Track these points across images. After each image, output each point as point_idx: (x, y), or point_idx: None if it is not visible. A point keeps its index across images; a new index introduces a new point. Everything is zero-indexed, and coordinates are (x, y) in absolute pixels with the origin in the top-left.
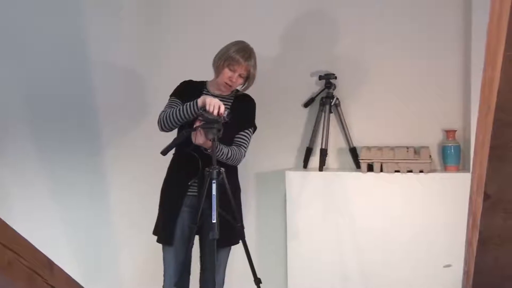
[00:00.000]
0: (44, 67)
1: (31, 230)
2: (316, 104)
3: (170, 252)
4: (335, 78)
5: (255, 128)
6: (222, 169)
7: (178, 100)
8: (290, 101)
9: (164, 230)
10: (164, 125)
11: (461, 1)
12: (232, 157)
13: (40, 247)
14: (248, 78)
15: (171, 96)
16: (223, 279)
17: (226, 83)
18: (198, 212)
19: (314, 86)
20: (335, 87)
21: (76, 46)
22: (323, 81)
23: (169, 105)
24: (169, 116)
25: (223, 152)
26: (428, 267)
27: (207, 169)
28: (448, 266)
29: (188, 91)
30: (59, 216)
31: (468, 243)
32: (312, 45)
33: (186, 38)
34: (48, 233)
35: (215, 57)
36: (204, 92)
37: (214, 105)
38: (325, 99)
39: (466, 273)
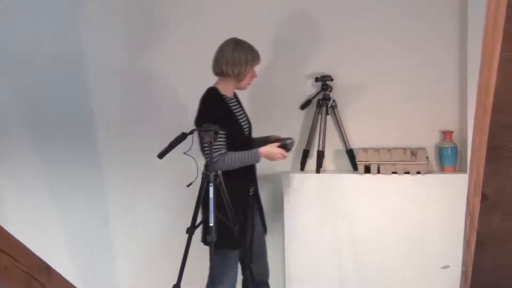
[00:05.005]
0: (42, 73)
1: (27, 234)
2: (312, 106)
3: (235, 255)
4: (332, 80)
5: None
6: (219, 172)
7: (223, 132)
8: (286, 103)
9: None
10: (227, 169)
11: (457, 2)
12: None
13: (37, 251)
14: None
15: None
16: None
17: (250, 83)
18: (197, 214)
19: (310, 88)
20: (331, 89)
21: (73, 51)
22: (320, 83)
23: (219, 140)
24: (234, 164)
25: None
26: (426, 268)
27: (204, 172)
28: (446, 267)
29: (222, 114)
30: (55, 220)
31: (466, 244)
32: (308, 47)
33: (181, 42)
34: (45, 237)
35: (232, 67)
36: (230, 104)
37: (279, 156)
38: (322, 101)
39: (464, 274)
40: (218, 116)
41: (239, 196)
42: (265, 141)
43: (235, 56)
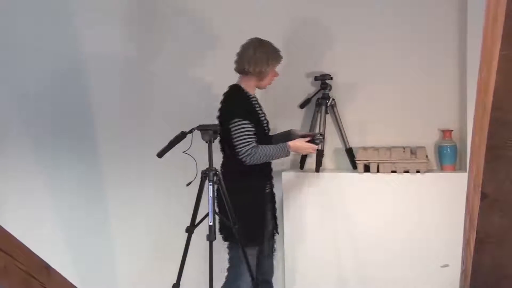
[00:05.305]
0: (42, 73)
1: (27, 234)
2: (312, 105)
3: (253, 254)
4: (331, 79)
5: None
6: (219, 171)
7: (252, 126)
8: (285, 102)
9: (261, 231)
10: (258, 162)
11: (457, 2)
12: None
13: (37, 251)
14: None
15: (242, 118)
16: None
17: (271, 82)
18: (197, 212)
19: (309, 87)
20: (330, 88)
21: (73, 51)
22: (319, 82)
23: (250, 134)
24: (265, 157)
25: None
26: (425, 267)
27: (203, 170)
28: (446, 266)
29: (248, 107)
30: (55, 220)
31: (466, 242)
32: (308, 46)
33: (181, 42)
34: (45, 237)
35: (254, 66)
36: (252, 101)
37: (309, 151)
38: (321, 100)
39: (463, 272)
40: (244, 111)
41: (255, 193)
42: (287, 135)
43: (258, 55)
